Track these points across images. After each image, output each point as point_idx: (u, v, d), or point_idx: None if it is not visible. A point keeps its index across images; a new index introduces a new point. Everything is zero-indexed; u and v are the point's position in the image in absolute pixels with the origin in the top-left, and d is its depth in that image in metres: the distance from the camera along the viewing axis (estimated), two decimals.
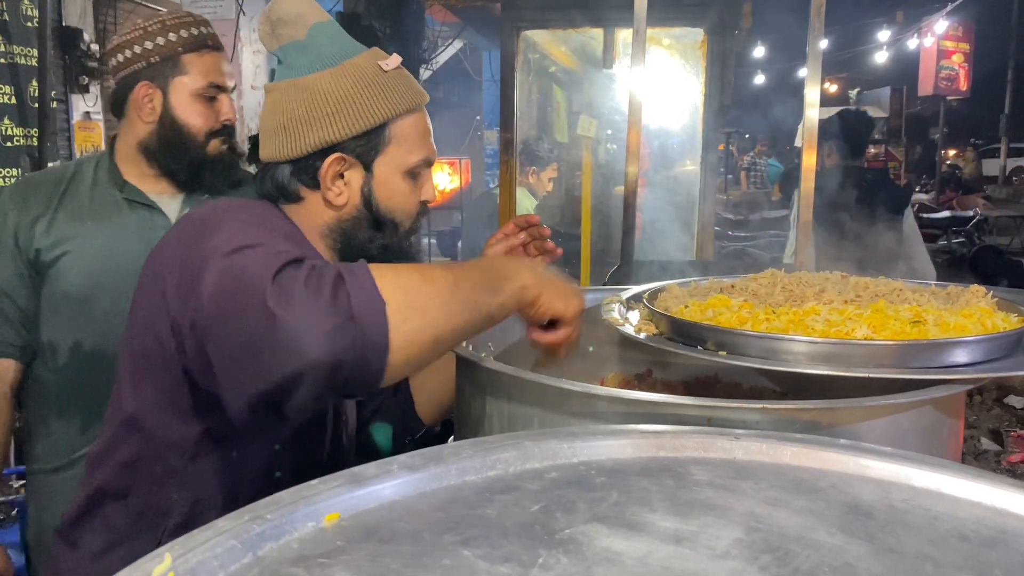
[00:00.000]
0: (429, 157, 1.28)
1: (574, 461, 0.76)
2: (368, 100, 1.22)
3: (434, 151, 1.30)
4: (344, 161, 1.23)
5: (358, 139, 1.22)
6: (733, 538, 0.62)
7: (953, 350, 1.03)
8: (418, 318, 0.94)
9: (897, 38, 16.61)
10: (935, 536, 0.63)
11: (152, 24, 1.72)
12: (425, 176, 1.30)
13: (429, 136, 1.29)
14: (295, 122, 1.22)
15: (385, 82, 1.23)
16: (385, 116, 1.22)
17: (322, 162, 1.22)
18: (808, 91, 2.66)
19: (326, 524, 0.63)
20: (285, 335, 0.89)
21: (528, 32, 3.60)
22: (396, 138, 1.24)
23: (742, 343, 1.07)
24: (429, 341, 0.95)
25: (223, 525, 0.59)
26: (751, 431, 0.80)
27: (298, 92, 1.22)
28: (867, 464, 0.74)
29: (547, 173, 4.16)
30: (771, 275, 1.42)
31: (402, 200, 1.27)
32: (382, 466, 0.71)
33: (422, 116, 1.28)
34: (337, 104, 1.21)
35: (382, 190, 1.25)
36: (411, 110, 1.25)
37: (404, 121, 1.24)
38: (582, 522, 0.64)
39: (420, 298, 0.95)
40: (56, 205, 1.71)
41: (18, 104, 4.28)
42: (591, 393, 0.94)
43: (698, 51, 3.37)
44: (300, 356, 0.88)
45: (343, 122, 1.21)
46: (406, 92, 1.25)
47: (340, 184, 1.23)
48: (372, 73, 1.23)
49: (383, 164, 1.24)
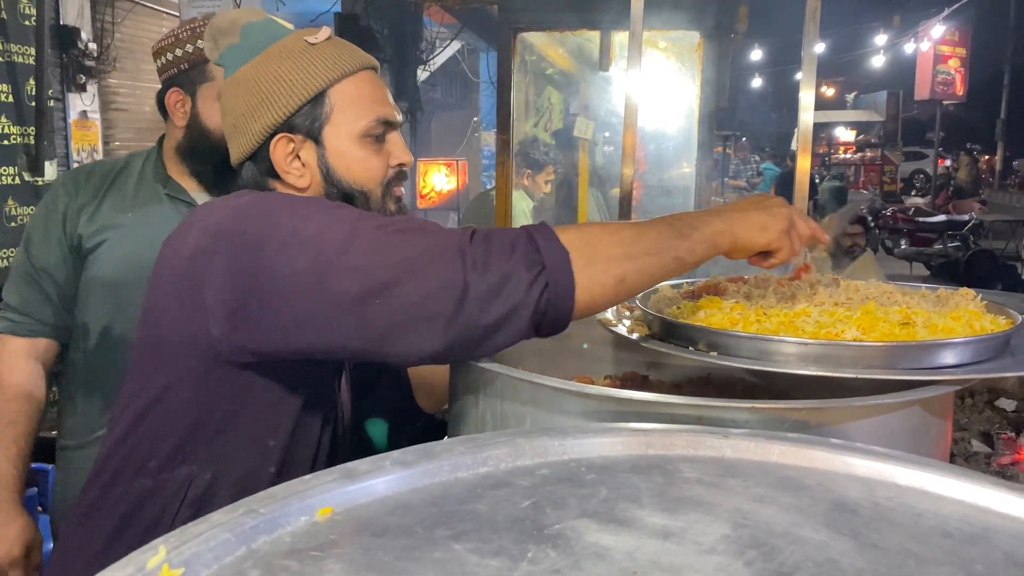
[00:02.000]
0: (384, 117, 1.25)
1: (565, 458, 0.77)
2: (297, 74, 1.21)
3: (391, 111, 1.27)
4: (291, 140, 1.22)
5: (298, 115, 1.21)
6: (720, 534, 0.63)
7: (941, 351, 1.04)
8: (601, 262, 1.02)
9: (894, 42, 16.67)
10: (918, 533, 0.64)
11: (184, 31, 1.79)
12: (391, 139, 1.27)
13: (381, 97, 1.26)
14: (240, 117, 1.23)
15: (314, 54, 1.22)
16: (318, 86, 1.21)
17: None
18: (803, 95, 2.67)
19: (319, 518, 0.64)
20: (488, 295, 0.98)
21: (525, 34, 3.61)
22: (338, 105, 1.22)
23: (733, 344, 1.08)
24: (612, 282, 1.02)
25: (217, 518, 0.60)
26: (740, 430, 0.81)
27: (236, 88, 1.24)
28: (853, 463, 0.75)
29: (543, 176, 4.17)
30: (763, 277, 1.43)
31: (362, 167, 1.24)
32: (375, 462, 0.72)
33: (366, 79, 1.26)
34: (269, 86, 1.21)
35: (338, 160, 1.23)
36: (348, 74, 1.23)
37: (343, 86, 1.22)
38: (572, 518, 0.65)
39: (601, 246, 1.03)
40: (103, 195, 1.80)
41: (15, 103, 4.29)
42: (583, 392, 0.95)
43: (694, 54, 3.38)
44: (508, 303, 0.98)
45: (278, 102, 1.21)
46: (339, 58, 1.23)
47: (297, 165, 1.23)
48: (298, 49, 1.22)
49: (332, 134, 1.23)
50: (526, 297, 0.98)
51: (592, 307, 1.04)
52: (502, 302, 0.98)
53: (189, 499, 1.13)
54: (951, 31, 16.64)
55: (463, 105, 13.50)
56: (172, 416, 1.15)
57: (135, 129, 7.23)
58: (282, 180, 1.24)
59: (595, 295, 1.02)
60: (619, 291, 1.03)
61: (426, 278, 0.98)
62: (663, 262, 1.04)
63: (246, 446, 1.16)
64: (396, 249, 1.00)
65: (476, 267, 0.98)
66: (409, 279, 0.98)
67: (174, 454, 1.14)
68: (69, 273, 1.78)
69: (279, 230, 1.04)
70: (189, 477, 1.13)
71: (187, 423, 1.14)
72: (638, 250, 1.04)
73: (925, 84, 16.77)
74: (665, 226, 1.07)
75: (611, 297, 1.04)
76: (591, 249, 1.02)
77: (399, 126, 1.29)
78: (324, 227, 1.04)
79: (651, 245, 1.04)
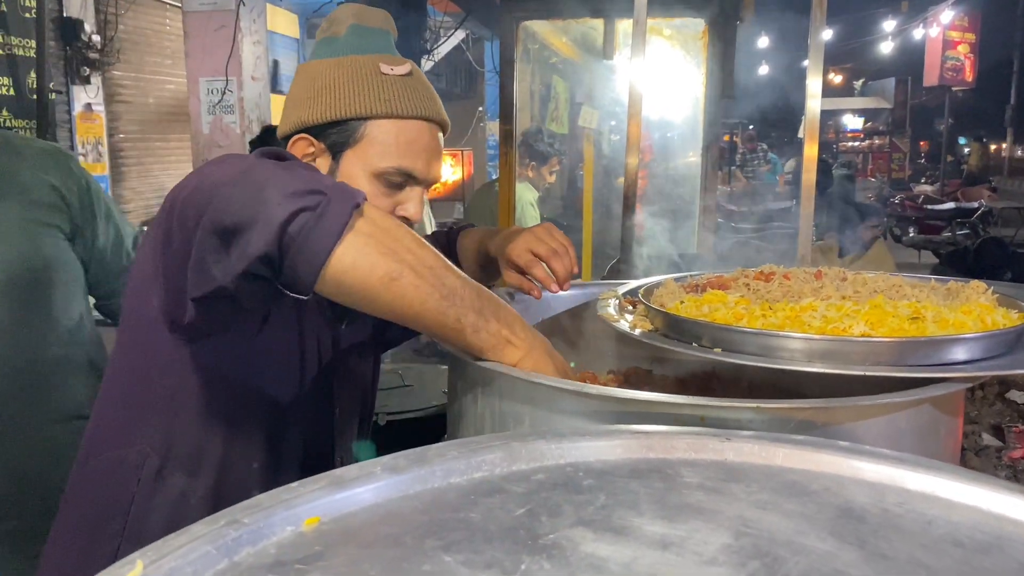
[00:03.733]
0: (407, 169, 1.23)
1: (561, 462, 0.74)
2: (349, 92, 1.21)
3: (421, 167, 1.24)
4: (312, 145, 1.23)
5: (331, 127, 1.22)
6: (721, 543, 0.60)
7: (952, 347, 1.01)
8: (385, 248, 0.94)
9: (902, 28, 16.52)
10: (928, 541, 0.61)
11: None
12: (409, 193, 1.25)
13: (419, 151, 1.23)
14: (291, 100, 1.27)
15: (377, 82, 1.22)
16: (361, 112, 1.21)
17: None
18: (810, 82, 2.63)
19: (305, 528, 0.62)
20: (251, 183, 0.93)
21: (528, 22, 3.57)
22: (370, 137, 1.21)
23: (738, 340, 1.06)
24: (380, 271, 0.93)
25: (198, 530, 0.58)
26: (743, 432, 0.79)
27: (300, 75, 1.27)
28: (861, 466, 0.73)
29: (548, 167, 4.13)
30: (768, 270, 1.40)
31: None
32: (365, 467, 0.70)
33: (416, 128, 1.23)
34: (321, 89, 1.22)
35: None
36: (397, 115, 1.22)
37: (385, 124, 1.22)
38: (567, 526, 0.62)
39: (398, 243, 0.95)
40: None
41: (16, 96, 4.27)
42: (583, 392, 0.92)
43: (699, 42, 3.34)
44: (259, 203, 0.91)
45: (319, 106, 1.22)
46: (397, 98, 1.22)
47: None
48: (367, 71, 1.23)
49: (350, 159, 1.22)
50: (281, 203, 0.91)
51: (346, 279, 0.93)
52: (261, 187, 0.93)
53: (144, 479, 1.13)
54: (960, 16, 16.47)
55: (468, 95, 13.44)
56: (125, 393, 1.16)
57: (139, 121, 7.22)
58: None
59: (357, 267, 0.92)
60: (380, 288, 0.93)
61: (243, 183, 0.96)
62: (443, 308, 0.97)
63: (201, 430, 1.15)
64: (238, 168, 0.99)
65: (273, 164, 0.98)
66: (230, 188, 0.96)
67: (126, 432, 1.15)
68: None
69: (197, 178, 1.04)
70: (142, 456, 1.13)
71: (138, 400, 1.15)
72: (430, 277, 0.96)
73: (934, 70, 16.62)
74: (475, 290, 1.01)
75: (370, 286, 0.93)
76: (385, 235, 0.95)
77: (428, 186, 1.26)
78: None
79: (445, 284, 0.97)
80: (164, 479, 1.13)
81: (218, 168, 1.02)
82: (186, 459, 1.14)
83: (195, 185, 1.02)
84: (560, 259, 1.34)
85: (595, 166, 5.07)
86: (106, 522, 1.12)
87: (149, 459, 1.13)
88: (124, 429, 1.16)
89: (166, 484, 1.13)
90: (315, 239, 0.91)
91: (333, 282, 0.93)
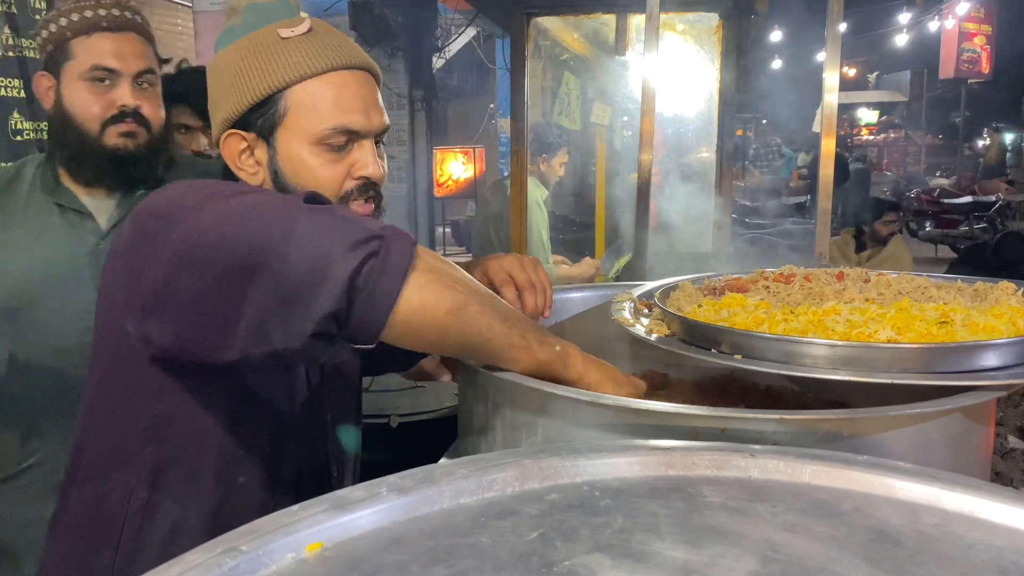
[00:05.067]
0: (344, 126, 1.12)
1: (577, 481, 0.71)
2: (256, 70, 1.12)
3: (359, 119, 1.13)
4: (243, 139, 1.14)
5: (253, 114, 1.13)
6: (748, 570, 0.57)
7: (983, 353, 0.97)
8: (446, 282, 0.94)
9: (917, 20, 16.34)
10: (970, 568, 0.57)
11: (52, 12, 1.63)
12: (358, 149, 1.15)
13: (349, 103, 1.13)
14: (211, 107, 1.18)
15: (281, 49, 1.12)
16: (274, 84, 1.11)
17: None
18: (827, 75, 2.59)
19: (307, 555, 0.59)
20: (306, 238, 0.89)
21: (539, 19, 3.52)
22: (294, 107, 1.12)
23: (759, 346, 1.02)
24: (448, 304, 0.93)
25: (193, 559, 0.55)
26: (768, 447, 0.75)
27: (211, 73, 1.19)
28: (893, 484, 0.69)
29: (558, 159, 4.07)
30: (788, 271, 1.36)
31: (312, 176, 1.13)
32: (370, 488, 0.66)
33: (336, 81, 1.13)
34: (232, 79, 1.14)
35: (287, 165, 1.13)
36: (312, 75, 1.11)
37: (303, 88, 1.11)
38: (584, 552, 0.59)
39: (454, 273, 0.96)
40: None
41: (27, 98, 4.26)
42: (597, 402, 0.89)
43: (713, 36, 3.29)
44: (321, 259, 0.88)
45: (235, 97, 1.13)
46: (306, 57, 1.12)
47: (251, 163, 1.15)
48: (268, 42, 1.13)
49: (284, 137, 1.13)
50: (349, 253, 0.88)
51: (415, 318, 0.92)
52: (318, 243, 0.89)
53: (132, 512, 1.08)
54: (976, 8, 16.27)
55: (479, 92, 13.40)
56: (107, 425, 1.11)
57: None
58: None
59: (425, 304, 0.91)
60: (449, 321, 0.93)
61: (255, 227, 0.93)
62: (505, 332, 0.96)
63: (191, 456, 1.10)
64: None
65: (311, 211, 0.93)
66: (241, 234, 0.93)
67: (110, 465, 1.09)
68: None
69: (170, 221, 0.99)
70: (128, 488, 1.08)
71: (121, 432, 1.10)
72: (490, 302, 0.98)
73: (950, 63, 16.43)
74: (518, 315, 1.02)
75: (439, 320, 0.92)
76: (442, 267, 0.95)
77: (374, 135, 1.17)
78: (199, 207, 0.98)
79: (504, 312, 0.98)
80: (154, 510, 1.08)
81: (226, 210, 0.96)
82: (176, 488, 1.09)
83: (196, 226, 0.96)
84: (534, 294, 1.25)
85: (607, 162, 5.03)
86: (95, 555, 1.08)
87: (136, 491, 1.08)
88: (108, 462, 1.10)
89: (156, 515, 1.08)
90: (382, 286, 0.89)
91: (403, 324, 0.92)
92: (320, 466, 1.23)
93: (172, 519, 1.09)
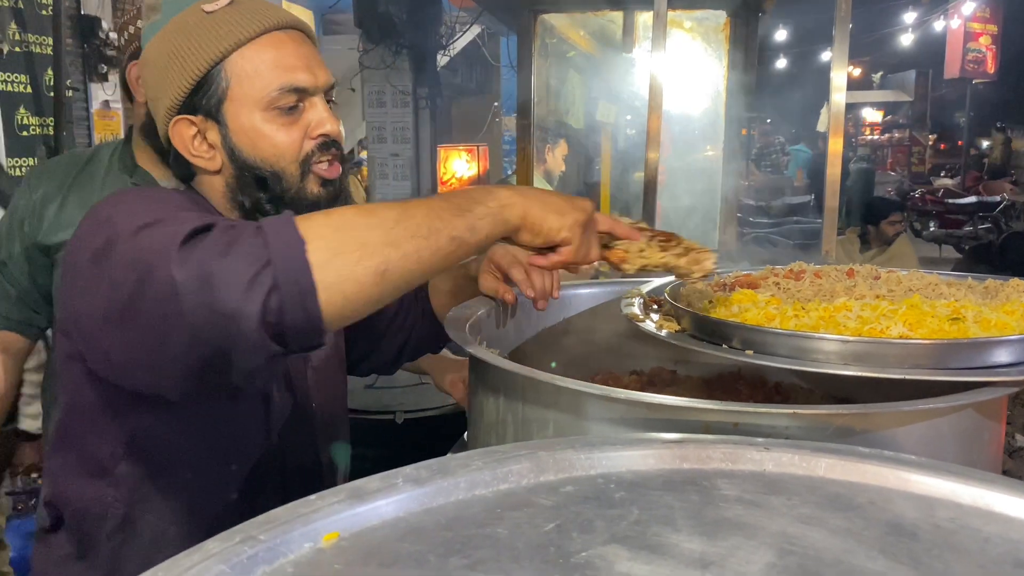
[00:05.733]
0: (290, 84, 1.08)
1: (591, 473, 0.71)
2: (189, 50, 1.07)
3: (304, 77, 1.09)
4: (191, 123, 1.10)
5: (195, 95, 1.08)
6: (764, 562, 0.57)
7: (996, 349, 0.97)
8: (352, 251, 0.83)
9: (922, 20, 16.30)
10: (987, 561, 0.57)
11: (147, 2, 1.66)
12: (310, 107, 1.10)
13: (290, 62, 1.09)
14: (151, 103, 1.14)
15: (209, 24, 1.08)
16: (210, 59, 1.07)
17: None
18: (835, 74, 2.59)
19: (324, 544, 0.59)
20: (199, 299, 0.80)
21: (546, 16, 3.53)
22: (236, 77, 1.07)
23: (770, 341, 1.02)
24: (370, 275, 0.83)
25: (212, 547, 0.55)
26: (782, 441, 0.75)
27: (143, 69, 1.15)
28: (908, 478, 0.69)
29: (560, 150, 4.06)
30: (798, 268, 1.36)
31: (269, 144, 1.09)
32: (386, 479, 0.66)
33: (272, 42, 1.09)
34: (166, 66, 1.09)
35: (242, 139, 1.09)
36: (245, 40, 1.07)
37: (241, 55, 1.07)
38: (600, 543, 0.59)
39: (354, 232, 0.84)
40: (68, 189, 1.71)
41: (34, 93, 4.28)
42: (610, 396, 0.89)
43: (720, 34, 3.29)
44: (224, 317, 0.79)
45: (173, 82, 1.08)
46: (235, 24, 1.07)
47: (205, 148, 1.11)
48: (194, 20, 1.09)
49: (232, 111, 1.08)
50: (244, 300, 0.79)
51: (349, 308, 0.85)
52: (210, 307, 0.79)
53: (111, 530, 1.07)
54: (982, 7, 16.20)
55: (483, 90, 13.37)
56: (78, 439, 1.08)
57: None
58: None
59: (348, 293, 0.83)
60: (383, 285, 0.85)
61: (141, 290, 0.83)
62: (437, 244, 0.87)
63: (171, 469, 1.08)
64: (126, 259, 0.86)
65: (184, 264, 0.81)
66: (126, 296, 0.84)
67: (86, 485, 1.07)
68: (32, 270, 1.70)
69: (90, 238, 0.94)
70: (104, 506, 1.06)
71: (95, 452, 1.07)
72: (402, 233, 0.85)
73: (955, 62, 16.37)
74: (439, 202, 0.91)
75: (373, 294, 0.85)
76: (339, 237, 0.84)
77: (322, 91, 1.12)
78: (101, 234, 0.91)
79: (419, 226, 0.86)
80: (133, 525, 1.06)
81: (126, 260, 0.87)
82: (155, 502, 1.07)
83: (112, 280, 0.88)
84: (542, 274, 1.21)
85: (612, 160, 5.03)
86: (80, 570, 1.08)
87: (112, 508, 1.06)
88: (83, 480, 1.08)
89: (136, 529, 1.06)
90: (295, 308, 0.81)
91: (340, 317, 0.85)
92: (308, 464, 1.22)
93: (152, 532, 1.07)
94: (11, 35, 4.02)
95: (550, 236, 0.98)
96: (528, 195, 0.97)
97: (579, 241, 1.00)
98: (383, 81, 7.36)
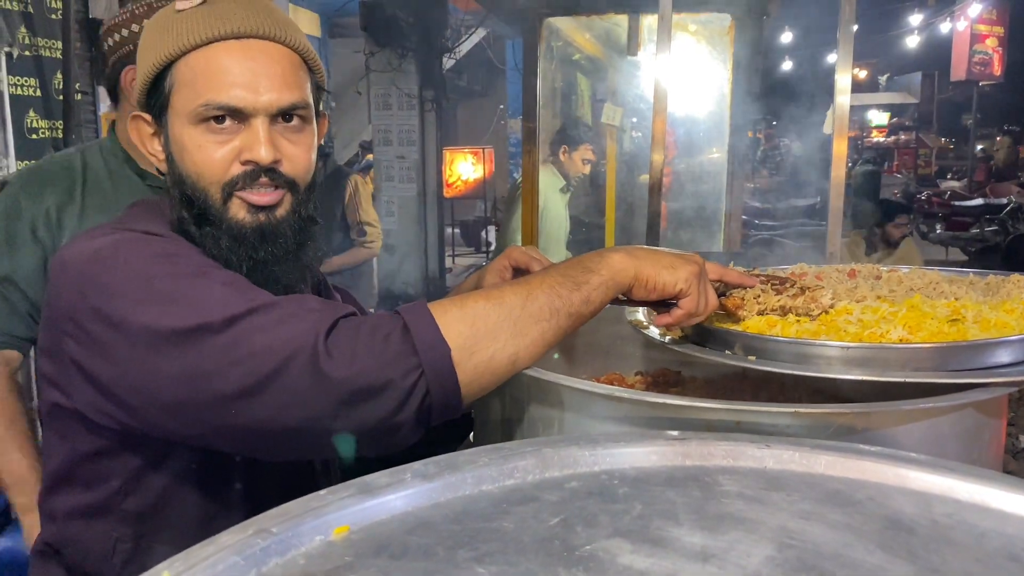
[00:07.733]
0: (219, 101, 0.99)
1: (595, 470, 0.72)
2: (150, 47, 1.03)
3: (238, 95, 0.99)
4: (147, 123, 1.06)
5: (150, 96, 1.04)
6: (764, 555, 0.58)
7: (995, 350, 0.98)
8: (486, 347, 0.90)
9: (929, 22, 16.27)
10: (982, 555, 0.59)
11: (140, 6, 1.67)
12: (247, 133, 1.01)
13: (233, 78, 0.99)
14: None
15: (173, 23, 1.01)
16: (160, 59, 1.01)
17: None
18: (839, 77, 2.59)
19: (335, 537, 0.61)
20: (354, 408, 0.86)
21: (551, 19, 3.55)
22: (178, 83, 1.01)
23: (772, 348, 1.03)
24: (504, 365, 0.91)
25: (226, 540, 0.57)
26: (782, 438, 0.76)
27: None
28: (906, 474, 0.70)
29: (579, 153, 3.99)
30: (800, 270, 1.37)
31: (191, 160, 1.02)
32: (395, 475, 0.68)
33: (222, 51, 1.00)
34: (138, 60, 1.06)
35: (177, 149, 1.03)
36: (197, 45, 0.99)
37: (186, 61, 1.00)
38: (604, 537, 0.60)
39: (486, 325, 0.90)
40: (82, 195, 1.67)
41: (43, 97, 4.30)
42: (614, 396, 0.90)
43: (725, 37, 3.30)
44: (381, 422, 0.87)
45: (139, 77, 1.05)
46: (192, 28, 1.00)
47: (158, 148, 1.07)
48: (164, 18, 1.03)
49: (171, 118, 1.02)
50: (402, 411, 0.86)
51: (484, 392, 0.93)
52: (373, 414, 0.86)
53: (119, 559, 1.05)
54: (988, 9, 16.17)
55: (489, 93, 13.42)
56: (78, 478, 1.06)
57: None
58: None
59: (485, 383, 0.91)
60: (513, 370, 0.92)
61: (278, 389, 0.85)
62: (558, 324, 0.93)
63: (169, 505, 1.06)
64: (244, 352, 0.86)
65: (341, 364, 0.85)
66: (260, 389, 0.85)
67: (88, 525, 1.05)
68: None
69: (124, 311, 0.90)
70: (112, 540, 1.05)
71: (92, 485, 1.04)
72: (528, 320, 0.91)
73: (961, 64, 16.34)
74: (559, 277, 0.95)
75: (504, 377, 0.92)
76: (474, 333, 0.89)
77: (265, 112, 1.01)
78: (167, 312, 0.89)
79: (540, 309, 0.92)
80: (142, 555, 1.04)
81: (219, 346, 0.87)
82: (162, 532, 1.05)
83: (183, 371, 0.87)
84: None
85: (617, 163, 5.04)
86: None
87: (120, 542, 1.05)
88: (87, 523, 1.06)
89: (144, 554, 1.05)
90: (440, 405, 0.88)
91: (478, 392, 0.92)
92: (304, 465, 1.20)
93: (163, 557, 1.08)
94: (21, 39, 4.05)
95: (665, 291, 1.00)
96: (638, 255, 1.00)
97: (696, 292, 1.02)
98: (389, 84, 7.39)
